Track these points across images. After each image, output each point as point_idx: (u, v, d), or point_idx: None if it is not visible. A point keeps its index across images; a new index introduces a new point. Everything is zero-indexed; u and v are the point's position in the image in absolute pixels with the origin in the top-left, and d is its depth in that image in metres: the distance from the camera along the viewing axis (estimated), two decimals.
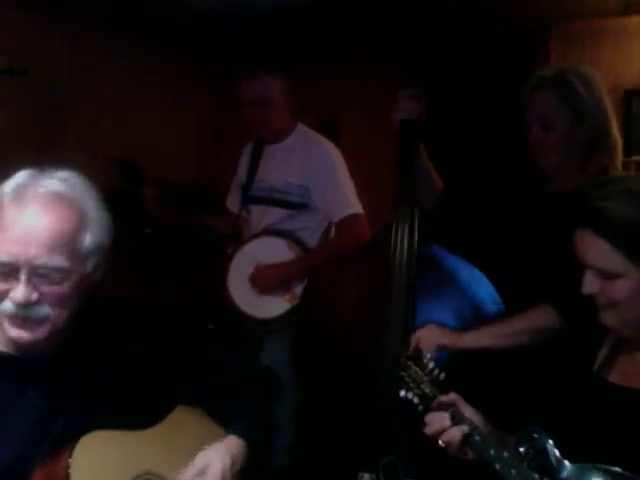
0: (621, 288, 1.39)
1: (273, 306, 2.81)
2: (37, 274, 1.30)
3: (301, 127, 2.98)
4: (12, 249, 1.29)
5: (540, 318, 1.87)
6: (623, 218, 1.36)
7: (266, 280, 2.82)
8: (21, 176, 1.36)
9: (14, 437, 1.36)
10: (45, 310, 1.33)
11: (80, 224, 1.36)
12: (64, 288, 1.34)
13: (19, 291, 1.30)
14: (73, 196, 1.36)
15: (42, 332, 1.34)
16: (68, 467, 1.33)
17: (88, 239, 1.37)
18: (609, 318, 1.43)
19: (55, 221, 1.32)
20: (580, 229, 1.41)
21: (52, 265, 1.31)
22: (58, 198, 1.34)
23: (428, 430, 1.52)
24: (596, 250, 1.39)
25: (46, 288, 1.32)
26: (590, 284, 1.42)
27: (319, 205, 2.86)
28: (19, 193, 1.33)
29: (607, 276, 1.39)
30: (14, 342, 1.36)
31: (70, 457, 1.34)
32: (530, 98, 2.05)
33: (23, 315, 1.32)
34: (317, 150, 2.91)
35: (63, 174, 1.39)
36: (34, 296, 1.31)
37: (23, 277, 1.30)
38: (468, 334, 1.91)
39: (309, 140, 2.95)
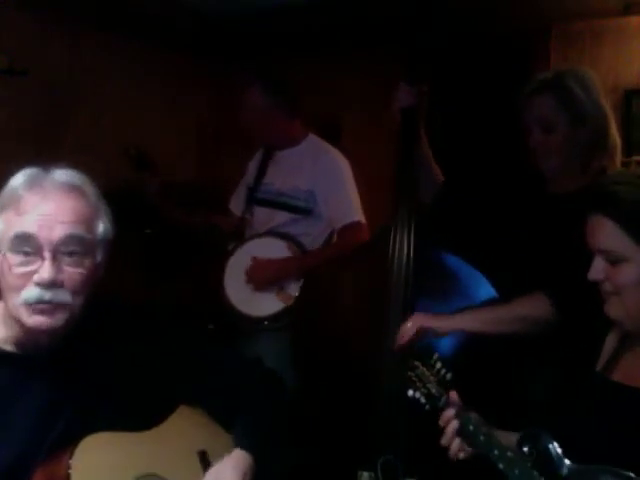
0: (625, 273, 1.40)
1: (266, 304, 2.80)
2: (61, 252, 1.34)
3: (312, 136, 3.01)
4: (36, 227, 1.33)
5: (533, 307, 1.87)
6: (634, 200, 1.40)
7: (262, 274, 2.82)
8: (29, 171, 1.40)
9: (15, 437, 1.36)
10: (66, 296, 1.35)
11: (94, 212, 1.42)
12: (83, 270, 1.37)
13: (45, 269, 1.32)
14: (86, 188, 1.42)
15: (61, 319, 1.36)
16: (69, 468, 1.33)
17: (101, 227, 1.43)
18: (613, 309, 1.44)
19: (76, 204, 1.38)
20: (593, 214, 1.43)
21: (76, 235, 1.35)
22: (75, 188, 1.40)
23: (449, 429, 1.52)
24: (606, 233, 1.41)
25: (68, 269, 1.35)
26: (597, 270, 1.43)
27: (323, 211, 2.87)
28: (36, 182, 1.37)
29: (613, 260, 1.41)
30: (31, 331, 1.36)
31: (71, 458, 1.34)
32: (529, 102, 2.05)
33: (48, 299, 1.33)
34: (326, 158, 2.93)
35: (69, 171, 1.43)
36: (60, 276, 1.34)
37: (48, 255, 1.32)
38: (457, 316, 1.92)
39: (319, 149, 2.97)
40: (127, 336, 1.51)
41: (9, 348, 1.41)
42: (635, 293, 1.40)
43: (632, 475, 1.30)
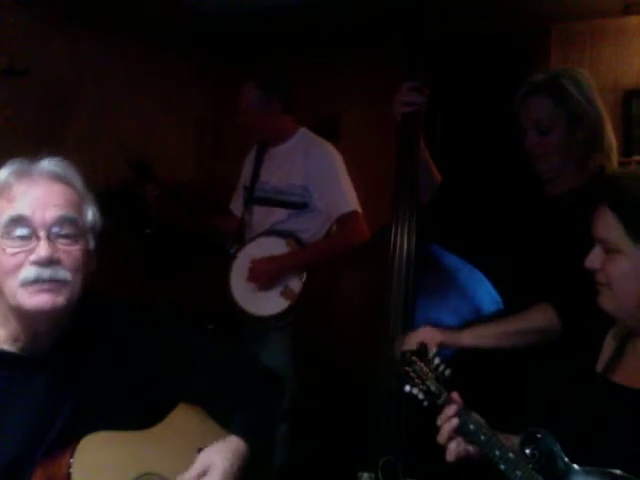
0: (616, 265, 1.41)
1: (272, 303, 2.83)
2: (54, 233, 1.35)
3: (303, 130, 3.02)
4: (29, 210, 1.34)
5: (540, 319, 1.87)
6: (636, 195, 1.41)
7: (262, 273, 2.84)
8: (16, 162, 1.41)
9: (15, 435, 1.37)
10: (65, 273, 1.36)
11: (82, 199, 1.44)
12: (77, 250, 1.38)
13: (42, 248, 1.33)
14: (72, 177, 1.44)
15: (63, 297, 1.36)
16: (69, 467, 1.33)
17: (89, 213, 1.45)
18: (605, 300, 1.45)
19: (65, 190, 1.40)
20: (600, 204, 1.45)
21: (68, 216, 1.37)
22: (62, 176, 1.42)
23: (445, 428, 1.52)
24: (604, 222, 1.43)
25: (64, 247, 1.36)
26: (593, 258, 1.45)
27: (319, 204, 2.88)
28: (25, 172, 1.39)
29: (608, 250, 1.42)
30: (35, 311, 1.35)
31: (72, 457, 1.34)
32: (524, 104, 2.05)
33: (47, 277, 1.33)
34: (317, 151, 2.94)
35: (55, 160, 1.44)
36: (56, 254, 1.34)
37: (43, 234, 1.34)
38: (466, 332, 1.91)
39: (309, 143, 2.98)
40: (126, 335, 1.51)
41: (8, 347, 1.41)
42: (624, 286, 1.41)
43: (633, 478, 1.30)
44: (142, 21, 3.51)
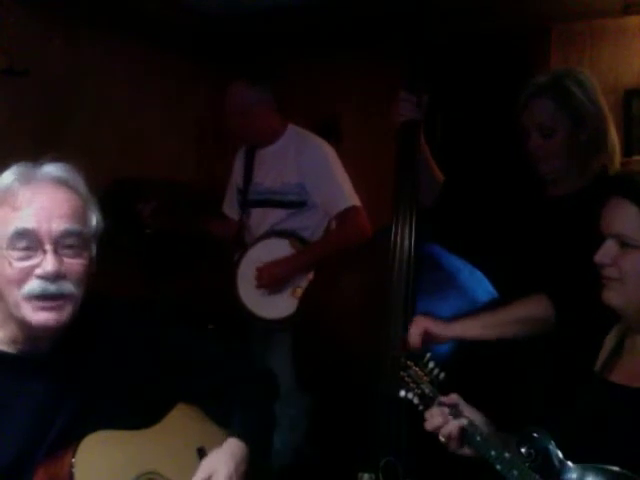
0: (633, 260, 1.40)
1: (284, 305, 2.81)
2: (60, 244, 1.34)
3: (292, 127, 2.98)
4: (34, 222, 1.33)
5: (533, 308, 1.85)
6: None
7: (270, 277, 2.82)
8: (19, 167, 1.40)
9: (15, 436, 1.37)
10: (70, 287, 1.35)
11: (86, 204, 1.43)
12: (82, 262, 1.38)
13: (49, 262, 1.32)
14: (76, 182, 1.43)
15: (66, 312, 1.36)
16: (72, 466, 1.33)
17: (94, 219, 1.44)
18: (614, 295, 1.43)
19: (69, 197, 1.39)
20: (613, 198, 1.43)
21: (74, 229, 1.36)
22: (66, 181, 1.40)
23: (428, 425, 1.52)
24: (622, 215, 1.41)
25: (69, 260, 1.35)
26: (605, 253, 1.43)
27: (317, 201, 2.86)
28: (28, 177, 1.37)
29: (625, 245, 1.40)
30: (36, 328, 1.35)
31: (74, 457, 1.35)
32: (527, 106, 2.04)
33: (52, 292, 1.33)
34: (309, 148, 2.91)
35: (59, 164, 1.43)
36: (62, 268, 1.34)
37: (49, 247, 1.33)
38: (457, 322, 1.90)
39: (300, 139, 2.95)
40: (126, 335, 1.51)
41: (7, 349, 1.41)
42: (638, 281, 1.40)
43: (630, 474, 1.30)
44: (142, 21, 3.51)
